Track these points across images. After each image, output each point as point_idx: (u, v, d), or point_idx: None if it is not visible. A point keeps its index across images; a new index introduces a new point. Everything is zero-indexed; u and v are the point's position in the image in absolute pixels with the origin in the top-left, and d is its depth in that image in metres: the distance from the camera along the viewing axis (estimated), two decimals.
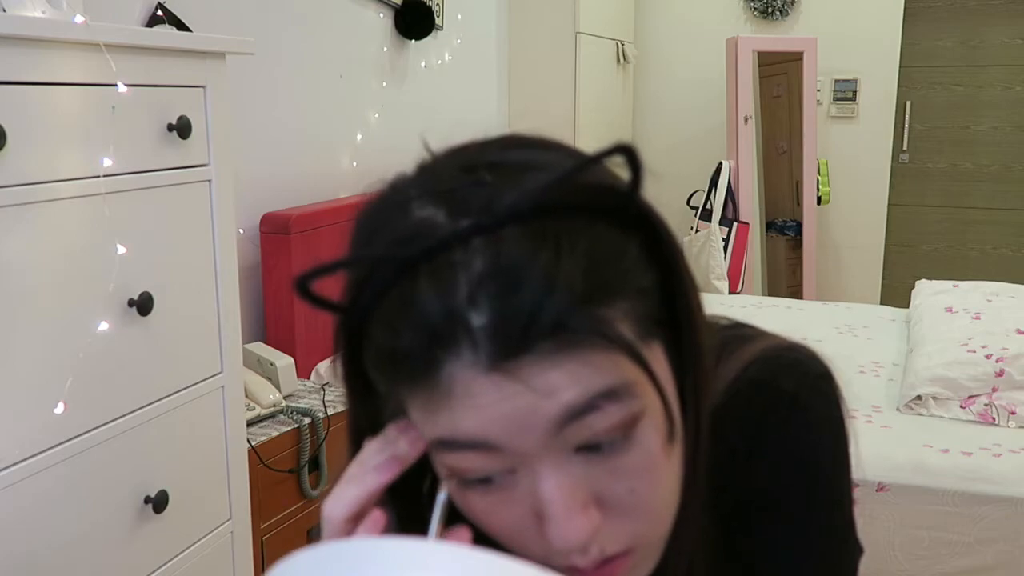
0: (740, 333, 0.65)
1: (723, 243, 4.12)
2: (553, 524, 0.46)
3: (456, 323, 0.44)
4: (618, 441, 0.47)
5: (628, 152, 0.45)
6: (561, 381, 0.44)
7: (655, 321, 0.48)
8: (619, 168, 0.47)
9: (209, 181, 1.56)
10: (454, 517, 0.51)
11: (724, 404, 0.59)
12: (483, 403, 0.44)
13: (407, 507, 0.55)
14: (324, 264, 0.46)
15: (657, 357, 0.49)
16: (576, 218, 0.45)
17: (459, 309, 0.43)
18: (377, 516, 0.49)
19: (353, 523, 0.50)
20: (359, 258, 0.48)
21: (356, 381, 0.51)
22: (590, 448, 0.47)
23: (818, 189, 4.28)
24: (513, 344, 0.43)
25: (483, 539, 0.50)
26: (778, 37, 4.45)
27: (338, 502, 0.50)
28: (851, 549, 0.65)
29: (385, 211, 0.49)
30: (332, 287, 0.48)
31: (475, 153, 0.49)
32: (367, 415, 0.52)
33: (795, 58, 4.25)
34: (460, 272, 0.44)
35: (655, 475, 0.49)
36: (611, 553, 0.48)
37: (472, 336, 0.43)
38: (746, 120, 4.15)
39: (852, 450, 0.63)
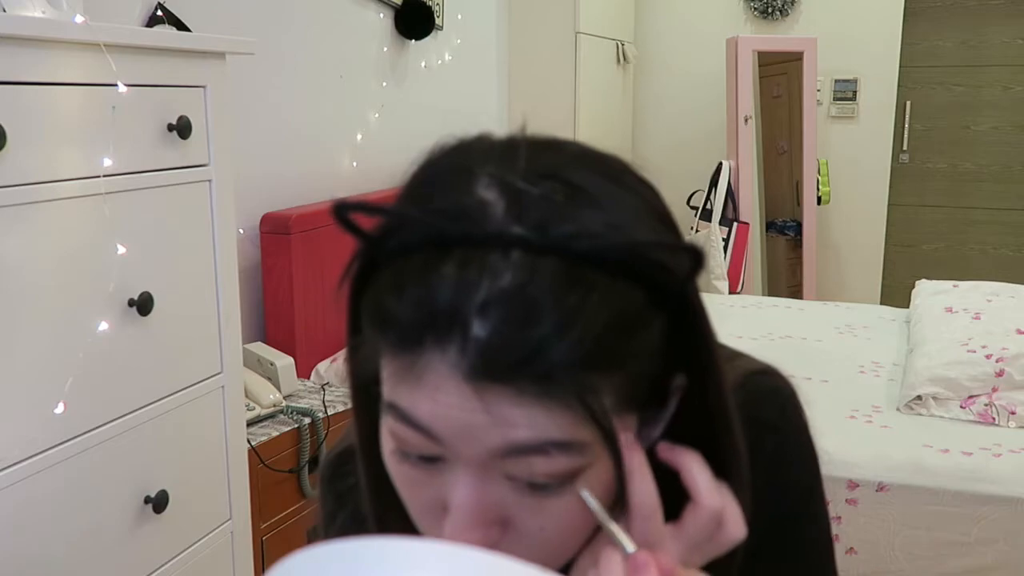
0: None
1: (723, 243, 4.12)
2: (450, 527, 0.47)
3: (457, 322, 0.43)
4: (553, 485, 0.46)
5: (695, 254, 0.45)
6: (523, 421, 0.44)
7: (640, 403, 0.49)
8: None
9: (209, 181, 1.56)
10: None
11: None
12: (445, 403, 0.45)
13: None
14: (368, 203, 0.46)
15: (627, 425, 0.49)
16: (618, 279, 0.44)
17: (466, 311, 0.43)
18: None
19: None
20: (403, 214, 0.47)
21: (353, 304, 0.51)
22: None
23: (818, 189, 4.28)
24: (498, 371, 0.43)
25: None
26: (778, 37, 4.45)
27: None
28: (832, 562, 0.66)
29: (453, 172, 0.48)
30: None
31: (559, 160, 0.48)
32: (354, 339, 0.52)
33: (795, 58, 4.25)
34: (486, 276, 0.43)
35: (571, 526, 0.48)
36: None
37: (465, 342, 0.43)
38: (746, 120, 4.15)
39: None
